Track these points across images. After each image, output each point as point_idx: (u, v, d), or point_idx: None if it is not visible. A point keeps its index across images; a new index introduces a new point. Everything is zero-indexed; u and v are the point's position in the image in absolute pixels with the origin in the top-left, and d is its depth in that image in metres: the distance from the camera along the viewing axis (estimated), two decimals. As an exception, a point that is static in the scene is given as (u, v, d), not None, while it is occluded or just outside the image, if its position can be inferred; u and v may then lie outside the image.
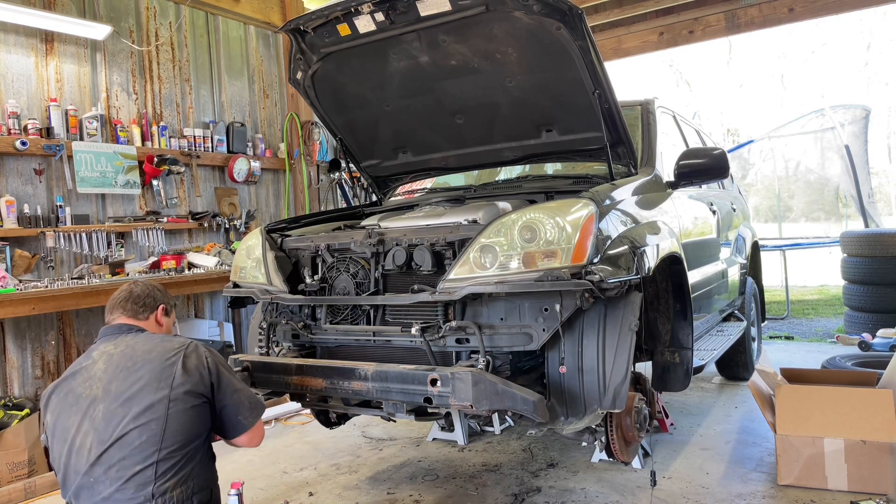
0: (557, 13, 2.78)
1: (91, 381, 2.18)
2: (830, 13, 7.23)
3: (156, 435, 2.07)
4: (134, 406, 2.09)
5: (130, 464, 2.05)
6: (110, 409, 2.10)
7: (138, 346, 2.24)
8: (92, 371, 2.20)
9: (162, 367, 2.16)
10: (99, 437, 2.08)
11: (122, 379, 2.14)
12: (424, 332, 2.61)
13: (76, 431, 2.12)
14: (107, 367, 2.19)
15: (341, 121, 3.77)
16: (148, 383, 2.12)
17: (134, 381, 2.13)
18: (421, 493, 3.47)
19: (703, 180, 3.62)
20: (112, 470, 2.05)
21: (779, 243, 10.30)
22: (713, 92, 21.76)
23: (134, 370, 2.15)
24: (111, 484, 2.04)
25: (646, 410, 3.17)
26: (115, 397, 2.11)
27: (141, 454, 2.05)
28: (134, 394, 2.11)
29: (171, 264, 5.00)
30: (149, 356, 2.19)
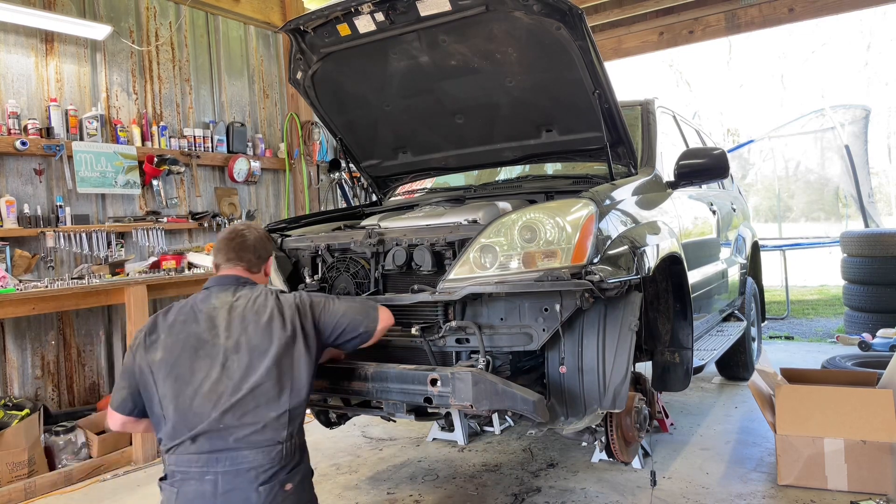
0: (557, 13, 2.78)
1: (218, 330, 2.26)
2: (830, 13, 7.23)
3: (285, 386, 2.22)
4: (266, 359, 2.21)
5: (266, 411, 2.18)
6: (244, 361, 2.21)
7: (259, 301, 2.34)
8: (216, 319, 2.28)
9: (278, 317, 2.29)
10: (234, 385, 2.18)
11: (250, 331, 2.25)
12: (424, 332, 2.61)
13: (205, 377, 2.20)
14: (231, 318, 2.28)
15: (341, 121, 3.77)
16: (270, 334, 2.26)
17: (261, 334, 2.25)
18: (421, 493, 3.47)
19: (703, 180, 3.62)
20: (247, 416, 2.17)
21: (779, 243, 10.30)
22: (713, 92, 21.77)
23: (259, 323, 2.27)
24: (245, 428, 2.16)
25: (646, 410, 3.17)
26: (248, 350, 2.23)
27: (277, 403, 2.20)
28: (263, 346, 2.23)
29: (171, 264, 5.00)
30: (263, 309, 2.30)
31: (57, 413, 4.48)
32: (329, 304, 2.45)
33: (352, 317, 2.45)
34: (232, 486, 2.13)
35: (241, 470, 2.14)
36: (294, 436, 2.25)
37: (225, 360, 2.22)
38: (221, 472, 2.14)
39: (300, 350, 2.29)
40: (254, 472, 2.15)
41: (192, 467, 2.15)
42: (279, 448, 2.19)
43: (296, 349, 2.28)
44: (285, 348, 2.26)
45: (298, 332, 2.30)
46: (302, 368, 2.28)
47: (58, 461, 4.02)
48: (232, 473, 2.14)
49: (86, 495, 3.79)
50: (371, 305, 2.52)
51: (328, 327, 2.41)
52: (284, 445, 2.20)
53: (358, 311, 2.48)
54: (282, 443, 2.19)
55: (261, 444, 2.17)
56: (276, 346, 2.24)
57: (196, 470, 2.15)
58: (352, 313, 2.46)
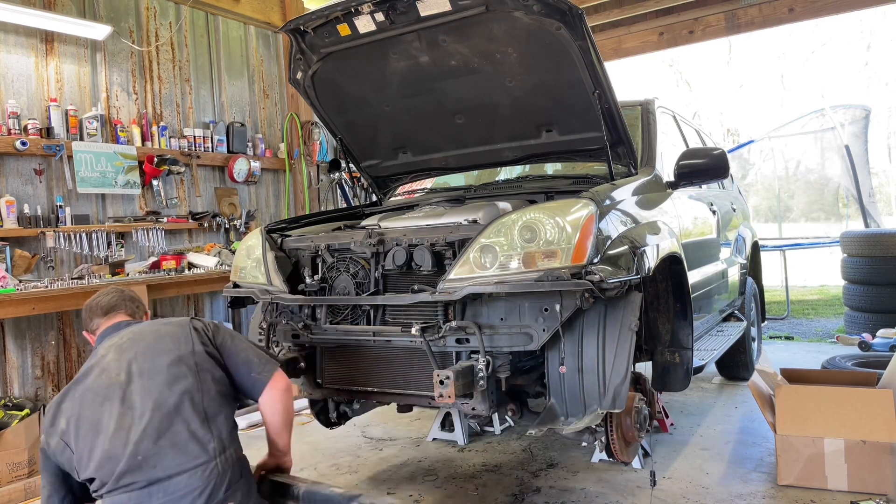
0: (557, 13, 2.78)
1: (108, 372, 2.17)
2: (830, 13, 7.23)
3: (195, 396, 2.13)
4: (164, 375, 2.13)
5: (181, 428, 2.08)
6: (142, 385, 2.12)
7: (145, 329, 2.29)
8: (104, 364, 2.20)
9: (175, 338, 2.23)
10: (138, 414, 2.08)
11: (142, 357, 2.18)
12: (424, 332, 2.60)
13: (108, 419, 2.09)
14: (119, 354, 2.20)
15: (341, 121, 3.77)
16: (170, 350, 2.19)
17: (155, 353, 2.18)
18: (421, 493, 3.47)
19: (703, 180, 3.62)
20: (162, 439, 2.06)
21: (779, 243, 10.29)
22: (713, 92, 21.77)
23: (152, 345, 2.20)
24: (166, 453, 2.05)
25: (646, 410, 3.16)
26: (140, 374, 2.14)
27: (188, 416, 2.10)
28: (161, 365, 2.15)
29: (171, 264, 5.00)
30: (160, 332, 2.26)
31: (57, 413, 4.47)
32: (235, 339, 2.37)
33: (249, 356, 2.33)
34: None
35: (175, 498, 2.03)
36: (226, 449, 2.14)
37: (123, 395, 2.12)
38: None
39: (200, 356, 2.21)
40: (189, 497, 2.03)
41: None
42: (212, 465, 2.08)
43: (203, 360, 2.20)
44: (179, 359, 2.17)
45: (193, 339, 2.24)
46: (209, 374, 2.19)
47: (58, 461, 4.02)
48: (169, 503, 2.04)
49: (86, 495, 3.79)
50: (271, 358, 2.40)
51: (227, 357, 2.30)
52: (217, 461, 2.09)
53: (257, 354, 2.37)
54: (213, 459, 2.09)
55: (188, 465, 2.06)
56: (170, 358, 2.16)
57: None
58: (251, 353, 2.35)
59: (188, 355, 2.19)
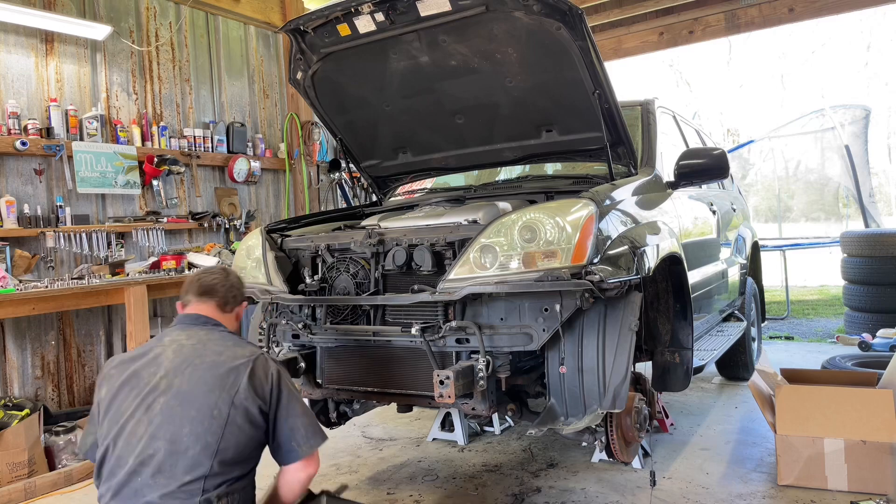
0: (557, 13, 2.78)
1: (157, 368, 2.08)
2: (830, 13, 7.23)
3: (210, 445, 1.97)
4: (193, 409, 1.99)
5: (181, 471, 1.95)
6: (169, 405, 2.00)
7: (210, 346, 2.14)
8: (160, 358, 2.11)
9: (228, 372, 2.05)
10: (153, 431, 1.98)
11: (187, 375, 2.05)
12: (424, 332, 2.61)
13: (129, 417, 2.02)
14: (174, 357, 2.10)
15: (341, 121, 3.77)
16: (212, 388, 2.02)
17: (198, 381, 2.03)
18: (421, 494, 3.47)
19: (703, 180, 3.62)
20: (160, 476, 1.95)
21: (779, 243, 10.30)
22: (713, 92, 21.77)
23: (200, 368, 2.06)
24: (158, 489, 1.94)
25: (646, 410, 3.17)
26: (175, 393, 2.02)
27: (192, 462, 1.95)
28: (196, 395, 2.01)
29: (171, 264, 5.00)
30: (219, 358, 2.09)
31: (57, 413, 4.48)
32: (293, 398, 2.16)
33: (301, 425, 2.14)
34: None
35: None
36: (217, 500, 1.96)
37: (152, 400, 2.02)
38: None
39: (239, 410, 2.02)
40: None
41: None
42: None
43: (240, 413, 2.02)
44: (224, 405, 2.00)
45: (242, 386, 2.04)
46: (238, 435, 2.02)
47: (58, 461, 4.02)
48: None
49: (86, 495, 3.79)
50: (319, 433, 2.21)
51: (278, 417, 2.12)
52: None
53: (309, 425, 2.17)
54: None
55: None
56: (212, 399, 2.00)
57: None
58: (304, 423, 2.15)
59: (226, 402, 2.01)
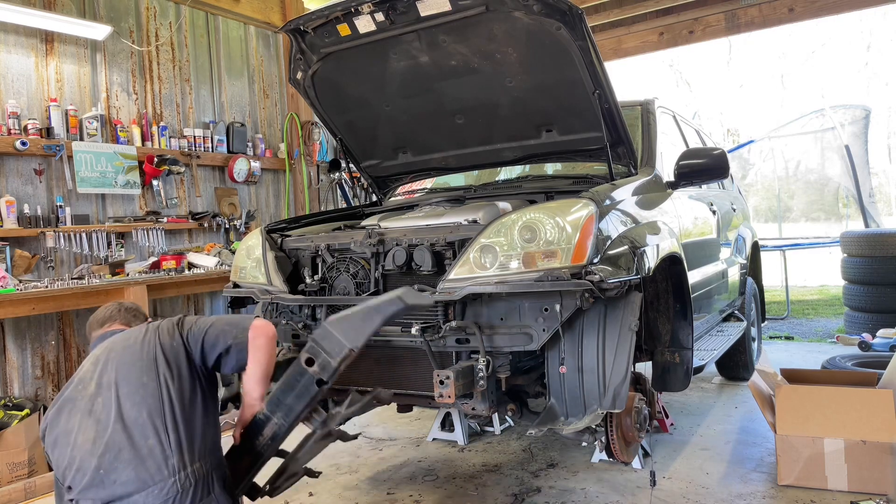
0: (557, 13, 2.78)
1: (83, 384, 2.17)
2: (830, 13, 7.23)
3: (155, 407, 2.05)
4: (129, 386, 2.09)
5: (141, 442, 2.00)
6: (107, 396, 2.09)
7: (118, 338, 2.27)
8: (81, 375, 2.21)
9: (142, 344, 2.18)
10: (103, 425, 2.04)
11: (110, 368, 2.14)
12: (424, 332, 2.61)
13: (77, 430, 2.08)
14: (94, 365, 2.20)
15: (341, 121, 3.77)
16: (133, 362, 2.13)
17: (119, 365, 2.14)
18: (421, 494, 3.47)
19: (703, 180, 3.62)
20: (123, 452, 2.00)
21: (779, 243, 10.30)
22: (713, 92, 21.78)
23: (120, 355, 2.17)
24: (126, 468, 1.98)
25: (646, 410, 3.17)
26: (107, 385, 2.11)
27: (147, 429, 2.02)
28: (128, 376, 2.10)
29: (171, 264, 5.00)
30: (127, 342, 2.22)
31: (57, 413, 4.48)
32: (199, 321, 2.28)
33: (220, 328, 2.24)
34: None
35: None
36: (192, 463, 2.03)
37: (91, 406, 2.09)
38: None
39: (167, 360, 2.14)
40: None
41: None
42: (170, 482, 1.97)
43: (160, 363, 2.13)
44: (144, 367, 2.10)
45: (157, 342, 2.17)
46: (178, 380, 2.12)
47: (58, 461, 4.02)
48: None
49: (86, 495, 3.79)
50: (244, 317, 2.31)
51: (195, 343, 2.21)
52: (176, 478, 1.98)
53: (227, 322, 2.27)
54: (171, 476, 1.98)
55: (147, 481, 1.97)
56: (136, 368, 2.10)
57: None
58: (220, 325, 2.26)
59: (152, 363, 2.12)
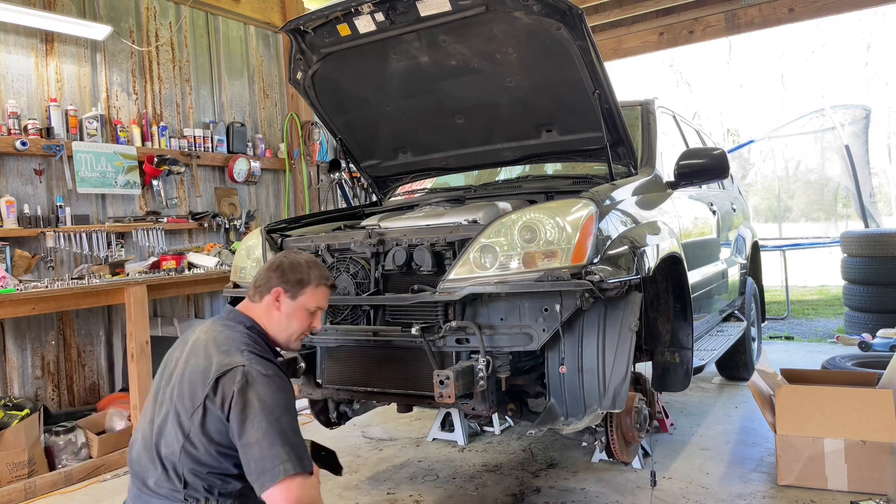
0: (557, 13, 2.78)
1: (181, 354, 2.13)
2: (830, 13, 7.23)
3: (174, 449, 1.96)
4: (174, 407, 2.00)
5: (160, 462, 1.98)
6: (166, 398, 2.06)
7: (210, 346, 2.05)
8: (186, 345, 2.15)
9: (204, 378, 1.97)
10: (152, 420, 2.06)
11: (179, 374, 2.06)
12: (424, 332, 2.61)
13: (150, 398, 2.15)
14: (186, 352, 2.10)
15: (341, 121, 3.77)
16: (194, 389, 1.97)
17: (188, 376, 2.01)
18: (421, 494, 3.47)
19: (703, 180, 3.62)
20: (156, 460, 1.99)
21: (779, 243, 10.30)
22: (713, 92, 21.81)
23: (191, 367, 2.03)
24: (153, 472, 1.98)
25: (646, 410, 3.17)
26: (171, 391, 2.04)
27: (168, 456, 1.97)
28: (183, 390, 1.99)
29: (171, 264, 5.00)
30: (206, 363, 2.00)
31: (57, 413, 4.48)
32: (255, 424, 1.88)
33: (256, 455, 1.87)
34: None
35: None
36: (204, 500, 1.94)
37: (157, 392, 2.09)
38: None
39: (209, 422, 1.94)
40: None
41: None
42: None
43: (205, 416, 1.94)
44: (195, 407, 1.95)
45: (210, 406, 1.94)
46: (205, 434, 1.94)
47: (58, 461, 4.02)
48: None
49: (86, 495, 3.79)
50: (275, 470, 1.84)
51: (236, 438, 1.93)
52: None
53: (264, 461, 1.85)
54: (183, 502, 1.94)
55: (163, 494, 1.95)
56: (189, 398, 1.97)
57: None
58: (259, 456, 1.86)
59: (189, 414, 1.95)
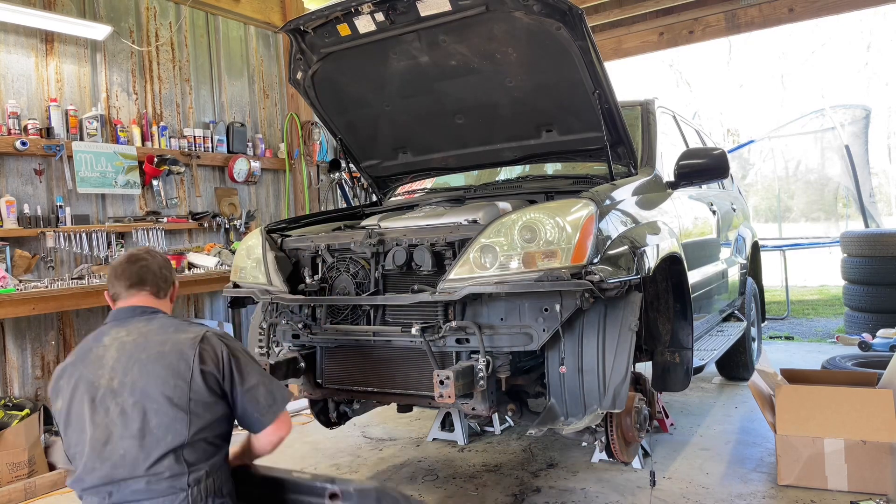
0: (557, 13, 2.78)
1: (103, 370, 2.06)
2: (830, 13, 7.23)
3: (180, 433, 1.99)
4: (153, 402, 2.00)
5: (157, 456, 1.98)
6: (129, 402, 2.00)
7: (152, 336, 2.10)
8: (104, 359, 2.08)
9: (178, 360, 2.03)
10: (119, 432, 1.99)
11: (136, 372, 2.03)
12: (424, 332, 2.61)
13: (91, 423, 2.02)
14: (119, 355, 2.07)
15: (341, 121, 3.77)
16: (165, 380, 2.01)
17: (149, 375, 2.02)
18: (421, 494, 3.47)
19: (703, 180, 3.63)
20: (139, 463, 1.97)
21: (779, 243, 10.30)
22: (713, 92, 21.80)
23: (149, 363, 2.03)
24: (141, 479, 1.97)
25: (646, 410, 3.17)
26: (131, 391, 2.01)
27: (166, 447, 1.98)
28: (151, 389, 2.00)
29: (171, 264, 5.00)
30: (164, 348, 2.06)
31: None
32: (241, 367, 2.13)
33: (258, 394, 2.13)
34: None
35: None
36: (203, 480, 2.02)
37: (109, 405, 2.02)
38: None
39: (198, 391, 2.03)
40: None
41: None
42: (183, 496, 1.98)
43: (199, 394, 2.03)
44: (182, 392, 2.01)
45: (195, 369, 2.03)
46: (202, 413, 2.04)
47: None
48: None
49: (86, 495, 3.79)
50: (280, 399, 2.18)
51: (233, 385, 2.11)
52: (189, 492, 1.99)
53: (266, 394, 2.15)
54: (185, 489, 1.98)
55: (159, 493, 1.97)
56: (166, 387, 2.00)
57: None
58: (261, 392, 2.14)
59: (185, 388, 2.02)
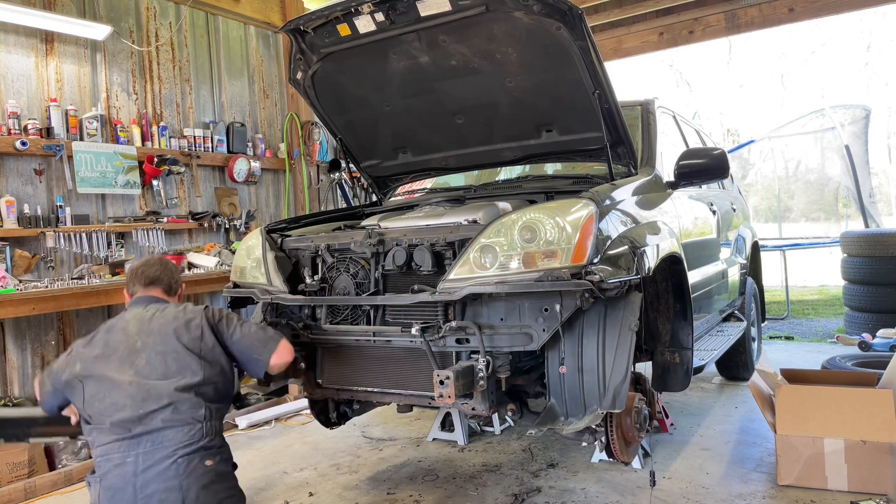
0: (557, 13, 2.78)
1: (128, 336, 2.50)
2: (830, 13, 7.22)
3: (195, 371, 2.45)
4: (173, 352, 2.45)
5: (180, 387, 2.40)
6: (152, 354, 2.45)
7: (167, 311, 2.60)
8: (127, 329, 2.53)
9: (188, 323, 2.53)
10: (146, 373, 2.42)
11: (157, 333, 2.50)
12: (424, 332, 2.61)
13: (118, 374, 2.42)
14: (139, 324, 2.53)
15: (341, 121, 3.77)
16: (180, 336, 2.49)
17: (168, 334, 2.49)
18: (421, 494, 3.47)
19: (703, 180, 3.63)
20: (163, 396, 2.38)
21: (779, 243, 10.30)
22: (713, 92, 21.79)
23: (167, 326, 2.51)
24: (162, 412, 2.37)
25: (646, 410, 3.17)
26: (154, 346, 2.46)
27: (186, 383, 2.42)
28: (170, 343, 2.47)
29: (171, 264, 4.99)
30: (180, 316, 2.56)
31: (57, 413, 4.47)
32: (238, 323, 2.65)
33: (251, 340, 2.62)
34: (151, 462, 2.32)
35: (160, 447, 2.34)
36: (212, 419, 2.45)
37: (135, 360, 2.45)
38: (142, 453, 2.34)
39: (208, 348, 2.52)
40: (173, 447, 2.35)
41: (115, 454, 2.35)
42: (198, 426, 2.39)
43: (203, 348, 2.51)
44: (190, 347, 2.48)
45: (205, 330, 2.54)
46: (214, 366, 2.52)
47: (58, 461, 4.02)
48: (151, 452, 2.34)
49: (86, 495, 3.77)
50: (272, 337, 2.66)
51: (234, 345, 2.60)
52: (203, 424, 2.40)
53: (259, 338, 2.64)
54: (200, 422, 2.40)
55: (179, 422, 2.37)
56: (182, 343, 2.48)
57: (118, 455, 2.34)
58: (253, 338, 2.63)
59: (197, 345, 2.50)
